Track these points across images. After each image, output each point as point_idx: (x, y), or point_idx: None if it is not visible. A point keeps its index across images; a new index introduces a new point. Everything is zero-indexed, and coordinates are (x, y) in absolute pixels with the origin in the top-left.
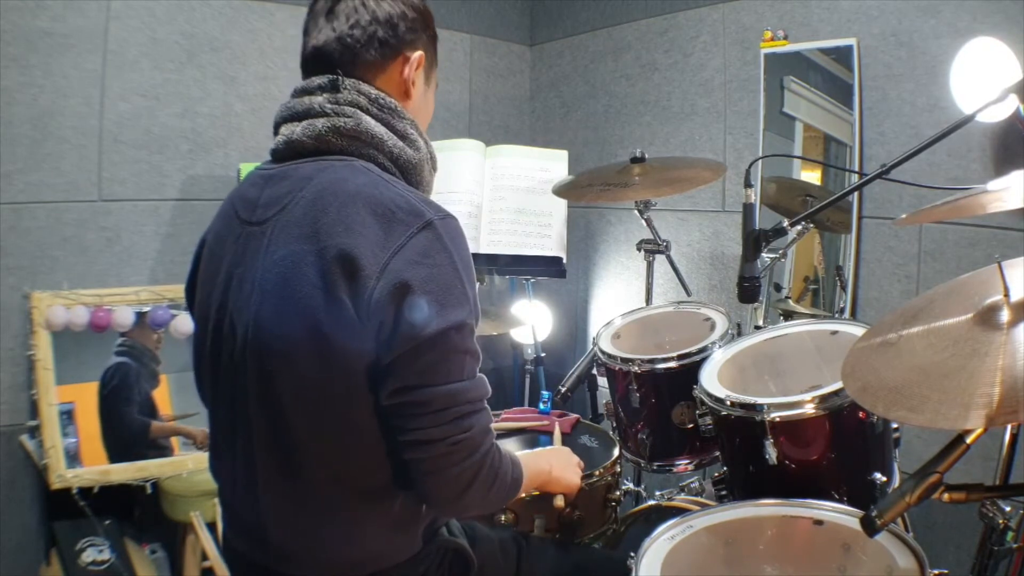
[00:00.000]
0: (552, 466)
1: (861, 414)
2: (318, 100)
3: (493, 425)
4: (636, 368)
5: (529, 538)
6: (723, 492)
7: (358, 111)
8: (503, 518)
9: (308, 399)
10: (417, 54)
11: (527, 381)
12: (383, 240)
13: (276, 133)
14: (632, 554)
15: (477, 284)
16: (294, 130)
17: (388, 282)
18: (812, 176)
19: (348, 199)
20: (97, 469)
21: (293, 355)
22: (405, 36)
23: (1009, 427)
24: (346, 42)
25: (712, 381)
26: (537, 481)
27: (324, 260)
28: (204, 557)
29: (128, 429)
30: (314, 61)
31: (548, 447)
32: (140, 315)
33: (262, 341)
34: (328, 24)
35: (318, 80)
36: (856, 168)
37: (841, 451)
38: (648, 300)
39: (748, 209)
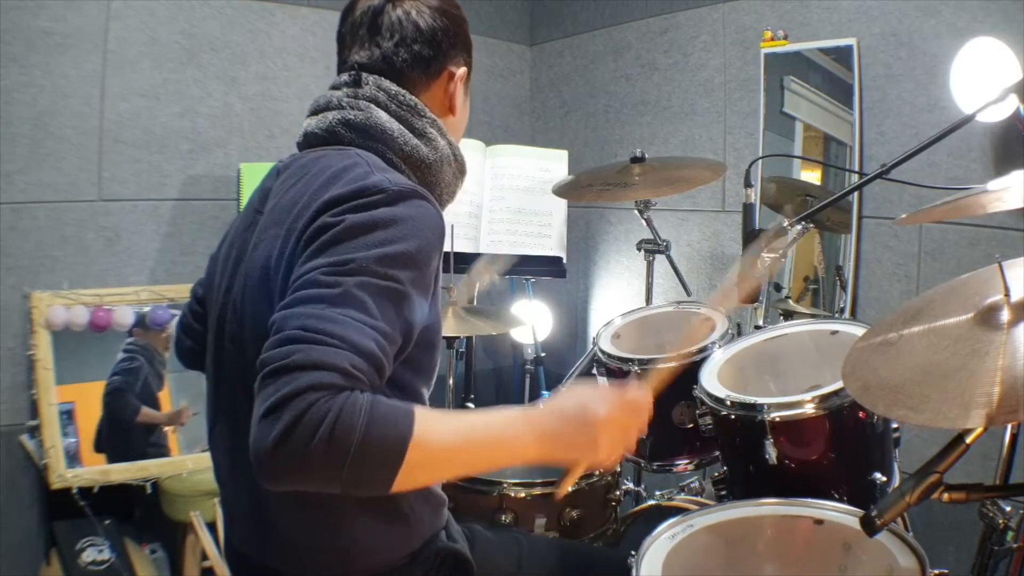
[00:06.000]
0: (546, 432)
1: (861, 414)
2: (338, 95)
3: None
4: (636, 368)
5: (529, 538)
6: (723, 492)
7: (372, 106)
8: (503, 518)
9: None
10: (461, 71)
11: (527, 381)
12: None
13: None
14: (632, 553)
15: (432, 268)
16: (311, 122)
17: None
18: (812, 176)
19: (325, 182)
20: (97, 469)
21: (261, 336)
22: (448, 52)
23: (1009, 427)
24: (391, 61)
25: (712, 381)
26: (503, 455)
27: (288, 241)
28: (204, 557)
29: (121, 410)
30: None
31: (574, 387)
32: (142, 316)
33: (240, 324)
34: (371, 39)
35: (344, 76)
36: (856, 168)
37: (841, 451)
38: (648, 300)
39: (748, 209)
